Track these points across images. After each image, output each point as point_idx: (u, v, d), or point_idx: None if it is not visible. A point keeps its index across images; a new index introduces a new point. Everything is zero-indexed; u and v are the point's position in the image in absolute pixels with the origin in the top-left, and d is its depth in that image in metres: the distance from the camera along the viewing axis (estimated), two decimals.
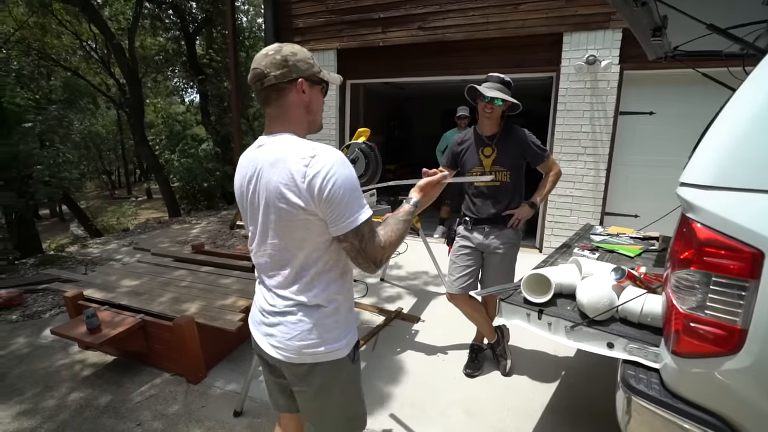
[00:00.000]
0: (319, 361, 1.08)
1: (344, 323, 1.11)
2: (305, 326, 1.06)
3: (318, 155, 0.96)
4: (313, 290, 1.06)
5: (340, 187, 0.94)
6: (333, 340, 1.07)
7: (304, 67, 1.06)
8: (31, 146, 5.19)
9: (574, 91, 4.17)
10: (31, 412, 2.13)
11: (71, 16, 10.19)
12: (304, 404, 1.20)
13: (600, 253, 2.16)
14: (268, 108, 1.07)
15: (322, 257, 1.05)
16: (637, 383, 1.24)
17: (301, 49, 1.08)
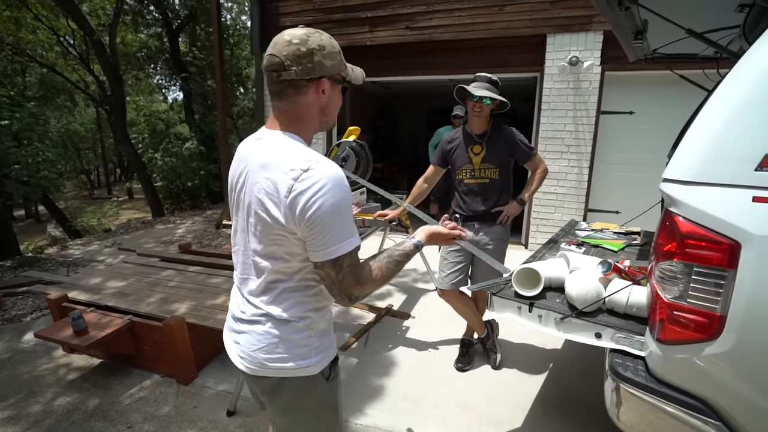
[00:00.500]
0: (287, 376, 1.00)
1: (317, 341, 1.01)
2: (271, 339, 0.97)
3: (312, 170, 0.85)
4: (282, 304, 0.97)
5: (326, 212, 0.84)
6: (302, 357, 0.98)
7: (330, 64, 0.92)
8: (6, 145, 5.02)
9: (558, 91, 4.27)
10: (15, 419, 2.08)
11: (47, 11, 9.86)
12: (274, 418, 1.13)
13: (586, 248, 2.24)
14: (279, 102, 0.95)
15: (295, 275, 0.97)
16: (624, 371, 1.30)
17: (330, 40, 0.94)
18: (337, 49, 0.96)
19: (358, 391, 2.23)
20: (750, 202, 1.02)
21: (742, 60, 1.10)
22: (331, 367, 1.05)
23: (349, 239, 0.89)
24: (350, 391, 2.22)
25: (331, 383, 1.06)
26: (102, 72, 9.74)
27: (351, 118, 7.23)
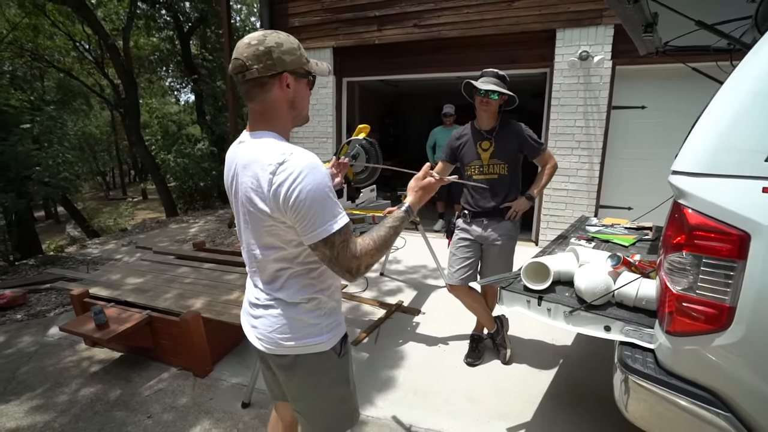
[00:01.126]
0: (301, 353, 1.09)
1: (326, 319, 1.10)
2: (284, 320, 1.06)
3: (287, 161, 0.91)
4: (290, 289, 1.06)
5: (306, 197, 0.90)
6: (313, 335, 1.08)
7: (289, 59, 0.99)
8: (28, 148, 5.18)
9: (568, 87, 4.24)
10: (44, 408, 2.17)
11: (64, 17, 10.11)
12: (291, 395, 1.20)
13: (596, 243, 2.23)
14: (250, 103, 1.01)
15: (295, 261, 1.04)
16: (634, 363, 1.31)
17: (287, 38, 1.00)
18: (296, 45, 1.02)
19: (368, 385, 2.26)
20: (760, 193, 1.03)
21: (751, 51, 1.10)
22: (342, 344, 1.14)
23: (334, 219, 0.94)
24: (361, 385, 2.26)
25: (343, 359, 1.15)
26: (116, 75, 9.95)
27: (360, 116, 7.27)
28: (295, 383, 1.15)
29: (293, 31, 5.31)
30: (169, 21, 10.52)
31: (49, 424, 2.04)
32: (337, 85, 5.45)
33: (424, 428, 1.95)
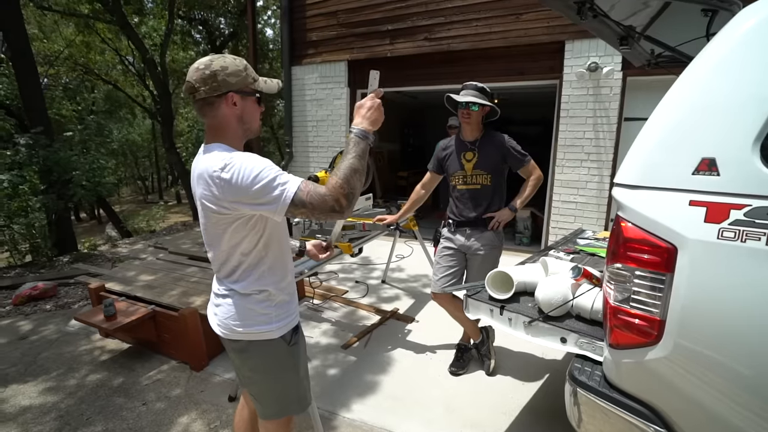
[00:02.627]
0: (252, 340, 1.21)
1: (276, 310, 1.22)
2: (238, 309, 1.19)
3: (230, 161, 1.02)
4: (243, 282, 1.19)
5: (249, 174, 0.99)
6: (263, 323, 1.20)
7: (234, 80, 1.08)
8: (70, 153, 5.67)
9: (577, 98, 4.19)
10: (55, 390, 2.38)
11: (112, 34, 11.01)
12: (244, 378, 1.32)
13: (581, 256, 2.21)
14: (203, 119, 1.13)
15: (247, 257, 1.17)
16: (580, 375, 1.32)
17: (233, 61, 1.10)
18: (242, 66, 1.11)
19: (350, 388, 2.33)
20: (687, 206, 1.03)
21: (687, 68, 1.11)
22: (292, 334, 1.26)
23: (284, 184, 1.00)
24: (343, 387, 2.33)
25: (293, 348, 1.26)
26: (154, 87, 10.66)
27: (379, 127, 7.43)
28: (248, 367, 1.28)
29: (311, 45, 5.60)
30: (204, 36, 11.20)
31: (56, 404, 2.24)
32: (351, 97, 5.63)
33: None
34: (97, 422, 2.09)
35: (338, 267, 4.46)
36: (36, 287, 3.79)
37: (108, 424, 2.07)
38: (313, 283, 3.60)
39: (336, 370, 2.52)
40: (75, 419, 2.11)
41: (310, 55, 5.68)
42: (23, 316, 3.42)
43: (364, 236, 2.73)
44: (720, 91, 1.02)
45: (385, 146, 7.94)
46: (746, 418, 0.98)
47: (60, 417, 2.14)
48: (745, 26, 1.00)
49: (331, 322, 3.16)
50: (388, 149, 8.16)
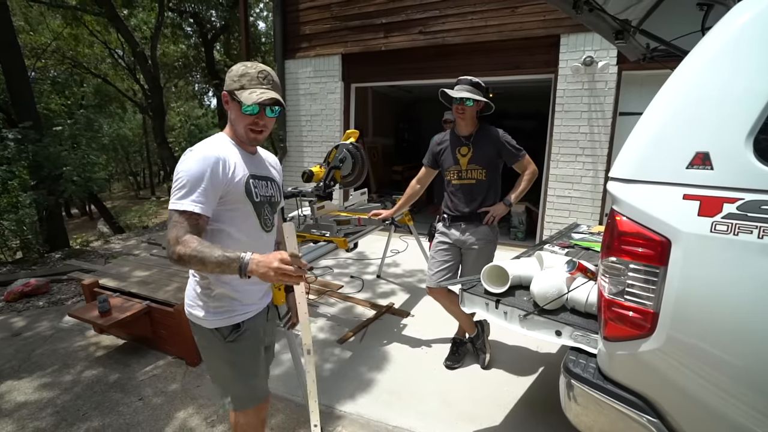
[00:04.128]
0: (191, 321, 1.30)
1: (213, 301, 1.25)
2: (188, 288, 1.31)
3: (190, 150, 1.15)
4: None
5: (178, 172, 1.12)
6: (198, 308, 1.26)
7: (228, 82, 1.20)
8: (60, 148, 5.58)
9: (572, 93, 4.20)
10: (50, 386, 2.36)
11: (101, 27, 10.81)
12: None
13: (575, 250, 2.23)
14: None
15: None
16: (574, 367, 1.34)
17: (238, 67, 1.20)
18: (239, 73, 1.19)
19: (345, 381, 2.34)
20: (680, 200, 1.04)
21: (682, 63, 1.12)
22: (231, 331, 1.27)
23: (178, 198, 1.08)
24: (339, 381, 2.34)
25: (230, 345, 1.27)
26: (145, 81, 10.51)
27: (373, 121, 7.40)
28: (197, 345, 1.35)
29: (304, 39, 5.54)
30: (195, 29, 11.04)
31: (53, 400, 2.23)
32: (345, 91, 5.59)
33: (392, 426, 2.00)
34: (94, 418, 2.08)
35: (333, 262, 4.46)
36: (28, 284, 3.75)
37: (105, 420, 2.06)
38: (308, 278, 3.59)
39: (332, 364, 2.53)
40: (71, 415, 2.10)
41: (303, 48, 5.63)
42: (16, 312, 3.39)
43: (359, 231, 2.73)
44: (714, 85, 1.03)
45: (379, 141, 7.90)
46: (738, 408, 1.00)
47: (56, 413, 2.13)
48: (740, 20, 1.01)
49: (327, 317, 3.17)
50: (383, 144, 8.12)
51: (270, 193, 1.34)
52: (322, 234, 2.52)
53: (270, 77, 1.21)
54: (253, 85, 1.17)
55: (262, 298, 1.39)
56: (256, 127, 1.21)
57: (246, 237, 1.26)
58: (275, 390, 2.26)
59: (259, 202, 1.28)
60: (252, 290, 1.32)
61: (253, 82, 1.18)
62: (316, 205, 2.54)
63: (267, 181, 1.34)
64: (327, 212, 2.68)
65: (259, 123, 1.21)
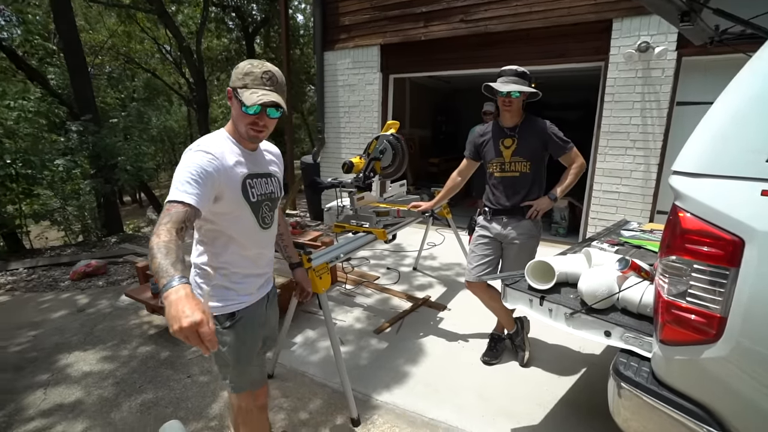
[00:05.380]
0: None
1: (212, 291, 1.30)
2: (191, 275, 1.32)
3: (192, 147, 1.17)
4: (194, 252, 1.33)
5: (177, 167, 1.13)
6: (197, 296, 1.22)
7: (233, 79, 1.21)
8: (115, 139, 5.97)
9: (624, 81, 3.94)
10: (110, 359, 2.57)
11: (151, 23, 11.37)
12: None
13: (625, 248, 2.12)
14: None
15: (199, 230, 1.27)
16: (626, 370, 1.28)
17: (244, 65, 1.20)
18: (244, 71, 1.19)
19: (381, 372, 2.37)
20: (758, 196, 0.96)
21: (761, 48, 1.02)
22: (226, 319, 1.32)
23: (171, 190, 1.08)
24: (375, 371, 2.37)
25: (227, 331, 1.32)
26: (190, 74, 10.97)
27: (410, 112, 7.33)
28: None
29: (343, 30, 5.55)
30: (237, 23, 11.36)
31: (113, 372, 2.42)
32: (383, 82, 5.57)
33: (428, 417, 2.01)
34: (149, 390, 2.24)
35: (370, 253, 4.50)
36: (89, 264, 4.06)
37: (158, 393, 2.21)
38: (345, 269, 3.65)
39: (369, 354, 2.56)
40: (129, 386, 2.27)
41: (342, 39, 5.64)
42: (80, 290, 3.69)
43: (398, 223, 2.72)
44: None
45: (416, 132, 7.82)
46: None
47: (116, 383, 2.31)
48: None
49: (363, 307, 3.21)
50: (420, 135, 8.03)
51: (270, 189, 1.35)
52: (361, 225, 2.55)
53: (274, 78, 1.20)
54: (256, 86, 1.17)
55: (259, 289, 1.42)
56: (256, 126, 1.21)
57: (243, 237, 1.30)
58: (313, 375, 2.33)
59: (256, 201, 1.29)
60: (247, 283, 1.36)
61: (256, 83, 1.17)
62: (356, 195, 2.56)
63: (266, 177, 1.35)
64: (366, 203, 2.69)
65: (260, 123, 1.21)
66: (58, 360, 2.56)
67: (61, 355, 2.61)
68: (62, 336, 2.86)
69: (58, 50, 7.60)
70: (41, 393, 2.24)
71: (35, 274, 4.17)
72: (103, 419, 2.04)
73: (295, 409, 2.08)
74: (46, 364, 2.52)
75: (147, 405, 2.13)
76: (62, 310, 3.28)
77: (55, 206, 5.74)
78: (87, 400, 2.18)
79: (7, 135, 5.42)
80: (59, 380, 2.35)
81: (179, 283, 0.85)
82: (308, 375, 2.34)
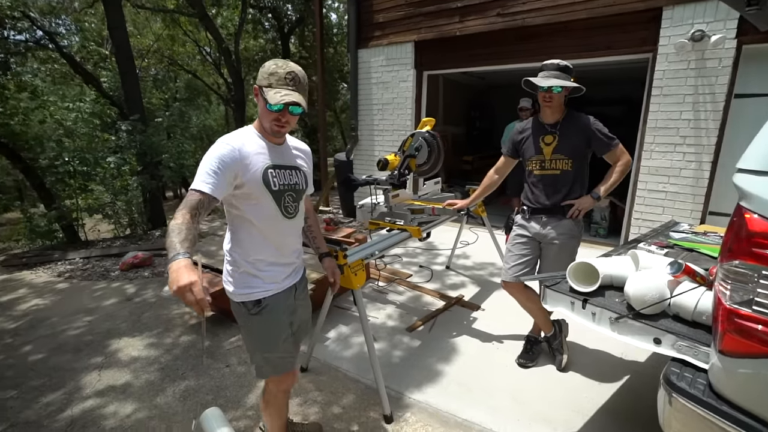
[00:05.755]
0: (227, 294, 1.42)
1: (240, 277, 1.38)
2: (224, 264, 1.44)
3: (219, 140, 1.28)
4: (225, 239, 1.43)
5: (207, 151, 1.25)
6: (228, 283, 1.41)
7: (259, 77, 1.31)
8: (159, 138, 6.28)
9: (674, 73, 3.70)
10: (155, 345, 2.71)
11: (192, 26, 11.87)
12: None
13: (675, 251, 1.99)
14: None
15: (228, 217, 1.38)
16: (679, 381, 1.20)
17: (270, 65, 1.29)
18: (270, 71, 1.28)
19: (414, 370, 2.36)
20: None
21: None
22: (254, 305, 1.39)
23: (195, 180, 1.21)
24: (407, 369, 2.37)
25: (254, 317, 1.40)
26: (229, 75, 11.37)
27: (443, 109, 7.24)
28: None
29: (378, 27, 5.56)
30: (273, 24, 11.64)
31: (158, 358, 2.56)
32: (417, 79, 5.53)
33: (461, 418, 1.98)
34: (190, 378, 2.35)
35: (402, 251, 4.50)
36: (137, 256, 4.30)
37: (199, 380, 2.31)
38: (378, 266, 3.66)
39: (401, 351, 2.56)
40: (173, 372, 2.39)
41: (376, 37, 5.65)
42: (128, 280, 3.92)
43: (432, 221, 2.70)
44: None
45: (449, 129, 7.71)
46: None
47: (161, 369, 2.43)
48: None
49: (396, 305, 3.21)
50: (452, 132, 7.91)
51: (294, 181, 1.42)
52: (395, 222, 2.54)
53: (297, 79, 1.29)
54: (279, 85, 1.26)
55: (285, 279, 1.46)
56: (279, 122, 1.31)
57: (265, 224, 1.36)
58: (346, 370, 2.36)
59: (277, 190, 1.35)
60: (273, 271, 1.41)
61: (280, 83, 1.26)
62: (390, 193, 2.56)
63: (291, 170, 1.42)
64: (401, 201, 2.69)
65: (282, 119, 1.31)
66: (110, 344, 2.73)
67: (112, 340, 2.79)
68: (113, 322, 3.05)
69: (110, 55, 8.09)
70: (96, 374, 2.41)
71: (89, 263, 4.47)
72: (150, 402, 2.16)
73: (328, 402, 2.11)
74: (100, 348, 2.70)
75: (189, 391, 2.23)
76: (113, 298, 3.50)
77: (106, 201, 6.14)
78: (135, 383, 2.31)
79: (67, 135, 5.84)
80: (111, 363, 2.52)
81: (182, 257, 1.00)
82: (341, 370, 2.37)
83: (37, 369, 2.48)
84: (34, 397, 2.22)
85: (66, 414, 2.08)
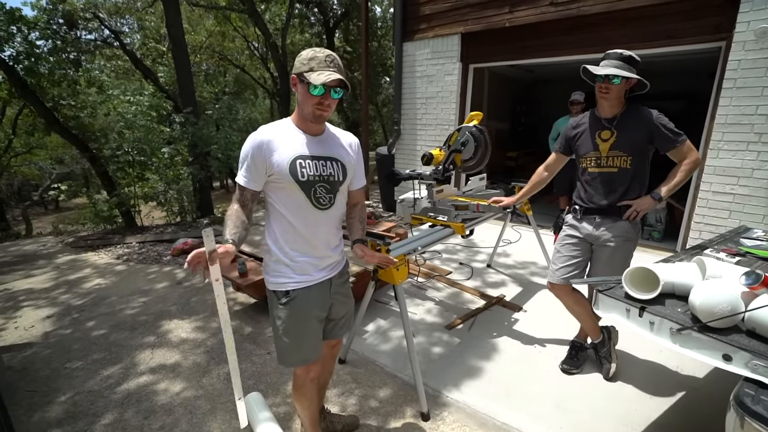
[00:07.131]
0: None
1: (274, 266, 1.43)
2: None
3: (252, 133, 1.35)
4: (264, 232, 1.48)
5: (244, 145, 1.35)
6: (266, 273, 1.46)
7: (296, 65, 1.33)
8: (209, 130, 6.58)
9: (751, 63, 3.34)
10: (202, 329, 2.86)
11: (242, 22, 12.30)
12: None
13: (748, 259, 1.81)
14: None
15: (265, 207, 1.44)
16: (754, 404, 1.09)
17: (307, 52, 1.33)
18: (308, 58, 1.31)
19: (452, 368, 2.32)
20: None
21: None
22: (284, 295, 1.42)
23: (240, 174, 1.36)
24: (446, 367, 2.34)
25: (284, 306, 1.42)
26: (275, 69, 11.69)
27: (488, 103, 7.04)
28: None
29: (424, 20, 5.48)
30: (319, 18, 11.81)
31: (204, 341, 2.69)
32: (463, 72, 5.39)
33: (500, 422, 1.93)
34: None
35: (442, 247, 4.44)
36: (186, 242, 4.56)
37: (242, 365, 2.40)
38: (417, 261, 3.64)
39: (440, 349, 2.53)
40: (218, 355, 2.51)
41: (422, 30, 5.56)
42: (178, 265, 4.16)
43: (477, 218, 2.63)
44: None
45: (492, 125, 7.48)
46: None
47: (207, 352, 2.56)
48: None
49: (435, 301, 3.18)
50: (496, 128, 7.66)
51: (328, 172, 1.40)
52: (438, 218, 2.50)
53: (336, 61, 1.33)
54: (321, 68, 1.29)
55: (318, 272, 1.46)
56: (321, 106, 1.32)
57: (294, 214, 1.38)
58: (384, 365, 2.36)
59: (306, 181, 1.35)
60: (303, 263, 1.42)
61: (321, 65, 1.29)
62: (434, 188, 2.52)
63: (328, 161, 1.41)
64: (445, 196, 2.64)
65: (324, 103, 1.32)
66: (162, 325, 2.91)
67: (163, 321, 2.97)
68: (165, 304, 3.25)
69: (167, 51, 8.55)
70: (149, 352, 2.58)
71: (144, 248, 4.79)
72: (197, 382, 2.27)
73: (365, 396, 2.13)
74: (153, 328, 2.88)
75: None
76: (164, 282, 3.73)
77: (160, 189, 6.54)
78: (183, 363, 2.45)
79: (127, 126, 6.27)
80: (162, 343, 2.68)
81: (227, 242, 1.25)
82: (379, 364, 2.38)
83: (99, 343, 2.70)
84: (96, 369, 2.42)
85: (123, 387, 2.25)
